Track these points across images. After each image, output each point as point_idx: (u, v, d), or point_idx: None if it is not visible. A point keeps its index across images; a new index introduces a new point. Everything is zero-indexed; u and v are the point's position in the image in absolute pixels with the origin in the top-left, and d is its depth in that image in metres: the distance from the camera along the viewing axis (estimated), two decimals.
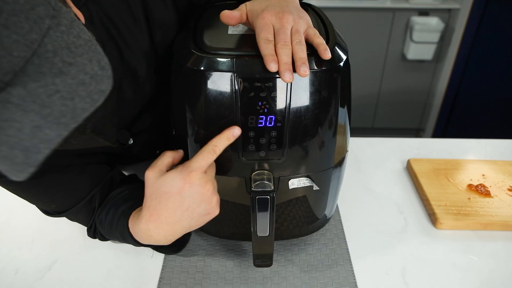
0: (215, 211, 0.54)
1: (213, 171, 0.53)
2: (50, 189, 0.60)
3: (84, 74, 0.30)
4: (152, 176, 0.52)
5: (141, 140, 0.67)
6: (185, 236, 0.66)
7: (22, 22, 0.26)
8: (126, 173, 0.70)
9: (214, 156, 0.50)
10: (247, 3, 0.51)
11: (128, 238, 0.57)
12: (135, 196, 0.61)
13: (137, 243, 0.58)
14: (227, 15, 0.50)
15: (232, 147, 0.51)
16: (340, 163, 0.59)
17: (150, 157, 0.74)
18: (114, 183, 0.65)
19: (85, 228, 0.66)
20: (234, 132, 0.49)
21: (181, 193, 0.50)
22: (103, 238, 0.65)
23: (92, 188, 0.61)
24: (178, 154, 0.55)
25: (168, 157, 0.54)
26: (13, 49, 0.26)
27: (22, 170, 0.29)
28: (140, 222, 0.54)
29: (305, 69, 0.44)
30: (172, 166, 0.54)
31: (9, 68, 0.26)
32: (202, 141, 0.51)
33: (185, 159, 0.55)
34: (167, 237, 0.54)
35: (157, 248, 0.65)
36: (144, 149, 0.70)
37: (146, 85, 0.60)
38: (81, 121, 0.31)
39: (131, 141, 0.65)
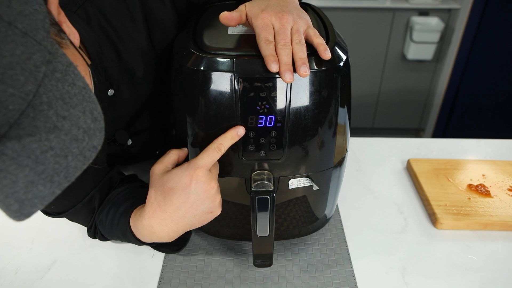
0: (217, 210, 0.54)
1: (217, 170, 0.53)
2: None
3: (78, 128, 0.30)
4: (158, 172, 0.52)
5: (139, 140, 0.67)
6: (185, 236, 0.66)
7: (18, 74, 0.26)
8: (126, 173, 0.70)
9: (219, 154, 0.50)
10: (247, 3, 0.51)
11: (129, 236, 0.57)
12: (136, 195, 0.61)
13: (139, 242, 0.58)
14: (226, 16, 0.50)
15: (232, 147, 0.51)
16: (340, 163, 0.59)
17: (150, 158, 0.74)
18: (113, 183, 0.65)
19: (85, 228, 0.66)
20: (238, 132, 0.49)
21: (186, 189, 0.50)
22: (103, 238, 0.65)
23: (92, 188, 0.61)
24: (183, 152, 0.55)
25: (173, 154, 0.54)
26: (8, 103, 0.26)
27: (17, 217, 0.29)
28: (143, 218, 0.54)
29: (305, 69, 0.45)
30: (177, 165, 0.54)
31: (4, 121, 0.26)
32: (202, 141, 0.51)
33: (186, 158, 0.55)
34: (170, 234, 0.54)
35: (158, 247, 0.65)
36: (143, 149, 0.70)
37: (143, 86, 0.60)
38: (73, 180, 0.31)
39: (130, 142, 0.65)
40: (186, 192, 0.50)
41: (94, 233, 0.65)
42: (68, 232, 0.71)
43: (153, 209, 0.52)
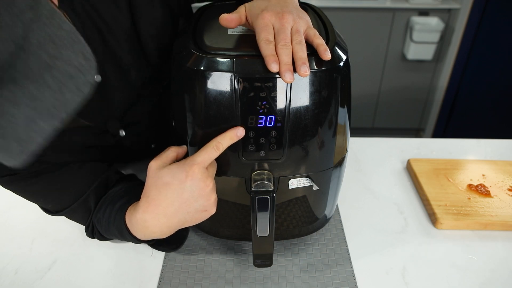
0: (212, 209, 0.54)
1: (214, 169, 0.53)
2: (45, 189, 0.60)
3: (71, 66, 0.32)
4: (155, 167, 0.52)
5: (133, 132, 0.67)
6: (183, 233, 0.66)
7: (5, 18, 0.27)
8: (124, 173, 0.70)
9: (218, 153, 0.50)
10: (246, 4, 0.51)
11: (125, 233, 0.57)
12: (132, 192, 0.61)
13: (135, 239, 0.58)
14: (226, 18, 0.50)
15: (232, 147, 0.51)
16: (340, 163, 0.59)
17: (145, 151, 0.73)
18: (109, 182, 0.65)
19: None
20: (238, 132, 0.49)
21: (181, 185, 0.50)
22: (102, 238, 0.65)
23: (87, 188, 0.61)
24: (182, 149, 0.55)
25: (172, 151, 0.54)
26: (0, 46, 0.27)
27: (18, 158, 0.31)
28: (137, 212, 0.54)
29: (305, 69, 0.45)
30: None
31: None
32: (202, 141, 0.51)
33: (185, 156, 0.55)
34: (163, 230, 0.54)
35: (156, 245, 0.64)
36: (137, 141, 0.69)
37: (131, 72, 0.60)
38: (72, 113, 0.33)
39: (123, 133, 0.64)
40: (181, 188, 0.50)
41: (92, 232, 0.65)
42: (68, 232, 0.71)
43: (147, 203, 0.52)
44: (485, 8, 1.93)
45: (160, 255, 0.67)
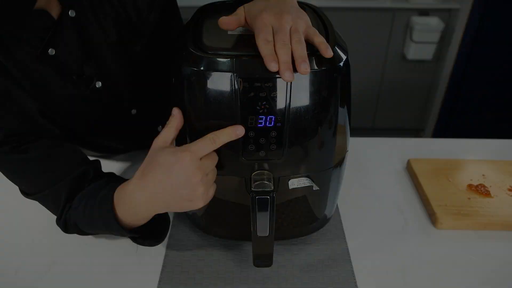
0: (198, 201, 0.53)
1: (210, 162, 0.53)
2: (23, 169, 0.61)
3: None
4: (157, 146, 0.54)
5: (108, 85, 0.66)
6: (164, 225, 0.66)
7: None
8: (117, 168, 0.69)
9: (213, 146, 0.50)
10: (245, 5, 0.52)
11: (112, 221, 0.57)
12: (114, 183, 0.61)
13: (122, 229, 0.58)
14: (225, 21, 0.50)
15: (232, 147, 0.51)
16: (340, 163, 0.59)
17: (127, 117, 0.74)
18: (87, 176, 0.64)
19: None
20: (237, 131, 0.49)
21: (170, 168, 0.51)
22: (82, 233, 0.65)
23: (62, 177, 0.61)
24: (178, 119, 0.53)
25: (170, 127, 0.54)
26: None
27: None
28: (129, 183, 0.56)
29: (305, 66, 0.44)
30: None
31: None
32: None
33: (183, 137, 0.55)
34: (147, 205, 0.55)
35: (140, 240, 0.64)
36: (113, 96, 0.69)
37: (106, 21, 0.61)
38: None
39: (99, 84, 0.64)
40: (169, 171, 0.51)
41: (65, 226, 0.64)
42: None
43: (139, 177, 0.54)
44: (485, 8, 1.93)
45: (160, 254, 0.67)
